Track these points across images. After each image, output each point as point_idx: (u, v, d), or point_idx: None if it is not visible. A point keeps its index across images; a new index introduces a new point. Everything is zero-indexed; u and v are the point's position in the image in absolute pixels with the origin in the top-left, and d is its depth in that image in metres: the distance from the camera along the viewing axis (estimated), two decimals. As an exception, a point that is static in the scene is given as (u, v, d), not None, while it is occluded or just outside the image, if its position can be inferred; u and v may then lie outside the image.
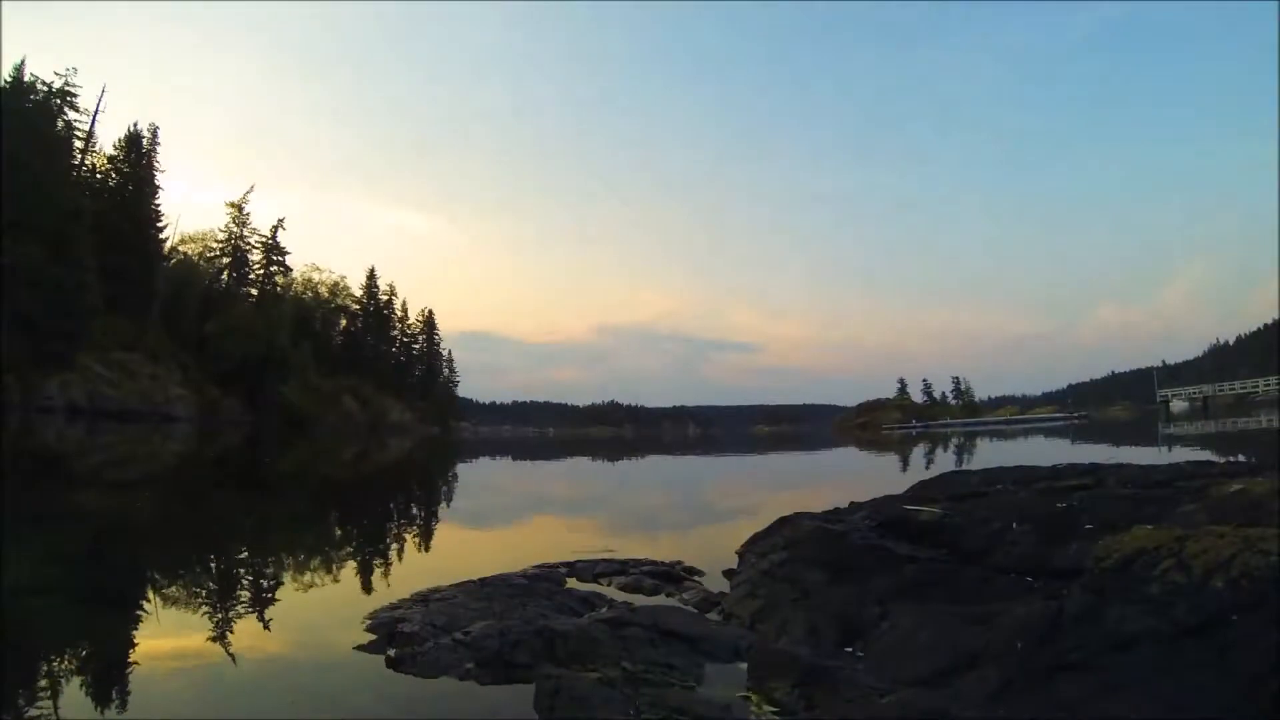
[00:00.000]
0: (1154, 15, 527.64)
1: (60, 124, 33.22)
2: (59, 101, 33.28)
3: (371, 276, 60.62)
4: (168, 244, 41.67)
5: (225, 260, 46.10)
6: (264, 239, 47.32)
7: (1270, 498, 2.09)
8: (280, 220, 47.89)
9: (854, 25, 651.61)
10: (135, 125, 37.96)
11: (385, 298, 61.85)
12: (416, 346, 67.08)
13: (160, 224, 38.90)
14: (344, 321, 58.39)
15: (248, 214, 46.66)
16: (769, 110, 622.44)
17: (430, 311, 67.81)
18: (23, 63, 31.11)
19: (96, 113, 35.70)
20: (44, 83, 32.26)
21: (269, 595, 3.36)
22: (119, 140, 37.42)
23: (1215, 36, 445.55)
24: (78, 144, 34.80)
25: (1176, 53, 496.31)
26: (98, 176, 36.55)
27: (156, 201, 38.29)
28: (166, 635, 2.61)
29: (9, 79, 30.08)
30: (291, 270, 50.48)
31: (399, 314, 64.15)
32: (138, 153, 37.54)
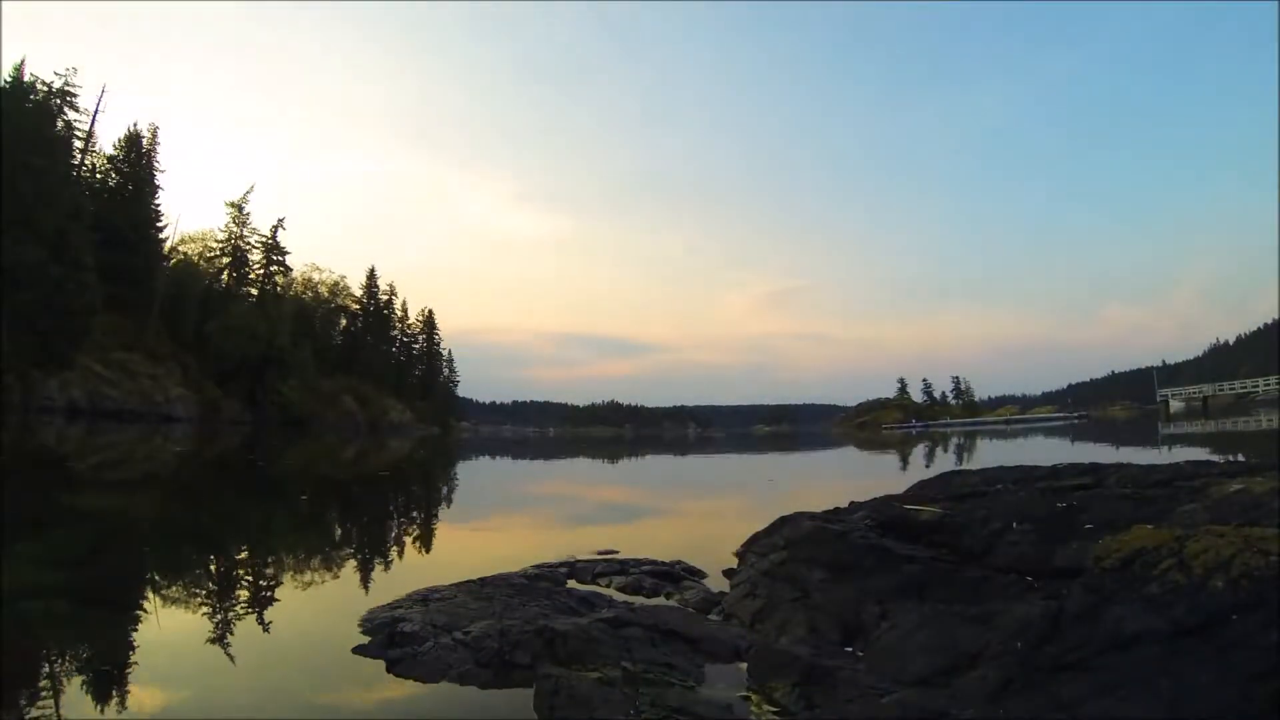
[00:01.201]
0: (1156, 16, 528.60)
1: (60, 124, 33.15)
2: (59, 101, 33.20)
3: (371, 276, 60.75)
4: (168, 244, 41.68)
5: (225, 260, 46.07)
6: (264, 239, 47.33)
7: (1270, 498, 2.09)
8: (280, 220, 47.90)
9: (860, 28, 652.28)
10: (135, 125, 38.07)
11: (385, 298, 61.91)
12: (416, 346, 67.14)
13: (160, 224, 38.96)
14: (344, 321, 58.42)
15: (248, 214, 46.68)
16: (788, 125, 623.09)
17: (430, 311, 67.97)
18: (23, 63, 31.09)
19: (96, 113, 35.68)
20: (44, 83, 32.18)
21: (268, 595, 3.36)
22: (119, 140, 37.50)
23: (1217, 36, 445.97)
24: (78, 144, 34.74)
25: (1179, 53, 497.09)
26: (98, 176, 36.54)
27: (156, 201, 38.35)
28: (166, 636, 2.60)
29: (9, 79, 30.04)
30: (291, 270, 50.57)
31: (399, 314, 64.23)
32: (138, 153, 37.56)
